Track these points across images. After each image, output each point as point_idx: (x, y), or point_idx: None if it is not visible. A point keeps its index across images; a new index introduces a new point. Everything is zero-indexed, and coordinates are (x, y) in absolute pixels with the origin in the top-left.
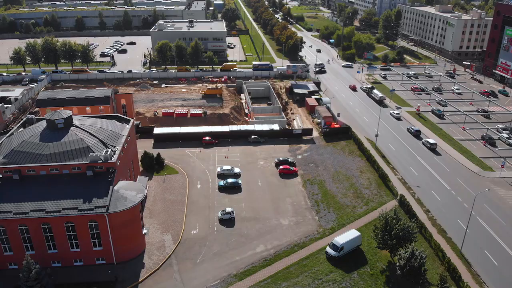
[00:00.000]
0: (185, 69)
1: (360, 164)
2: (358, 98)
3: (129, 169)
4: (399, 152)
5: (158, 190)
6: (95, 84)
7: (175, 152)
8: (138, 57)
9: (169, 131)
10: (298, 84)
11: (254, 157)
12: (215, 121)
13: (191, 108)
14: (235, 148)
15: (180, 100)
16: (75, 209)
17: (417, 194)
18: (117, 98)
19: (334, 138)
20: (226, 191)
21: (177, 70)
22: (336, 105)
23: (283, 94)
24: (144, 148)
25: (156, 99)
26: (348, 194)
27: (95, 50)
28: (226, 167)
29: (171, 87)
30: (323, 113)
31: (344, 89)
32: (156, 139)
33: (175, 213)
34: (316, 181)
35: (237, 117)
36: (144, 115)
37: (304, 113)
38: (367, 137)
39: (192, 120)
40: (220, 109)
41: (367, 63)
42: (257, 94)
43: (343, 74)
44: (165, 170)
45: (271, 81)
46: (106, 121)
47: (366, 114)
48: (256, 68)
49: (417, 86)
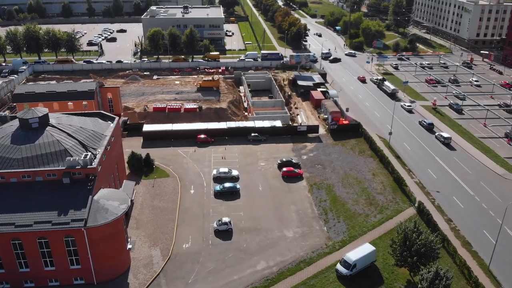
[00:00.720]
0: (182, 59)
1: (372, 165)
2: (368, 91)
3: (112, 174)
4: (415, 152)
5: (146, 196)
6: (81, 75)
7: (166, 152)
8: (129, 46)
9: (160, 128)
10: (302, 75)
11: (254, 158)
12: (211, 116)
13: (184, 102)
14: (233, 147)
15: (173, 94)
16: (48, 223)
17: (437, 201)
18: (103, 92)
19: (342, 136)
20: (222, 197)
21: (173, 60)
22: (344, 99)
23: (286, 87)
24: (132, 147)
25: (146, 92)
26: (359, 200)
27: (82, 38)
28: (223, 169)
29: (164, 79)
30: (330, 108)
31: (352, 80)
32: (146, 137)
33: (164, 224)
34: (323, 185)
35: (235, 112)
36: (133, 110)
37: (309, 108)
38: (379, 135)
39: (185, 115)
40: (216, 103)
41: (376, 52)
42: (258, 86)
43: (351, 65)
44: (154, 172)
45: (273, 72)
46: (88, 120)
47: (377, 108)
48: (265, 58)
49: (432, 77)
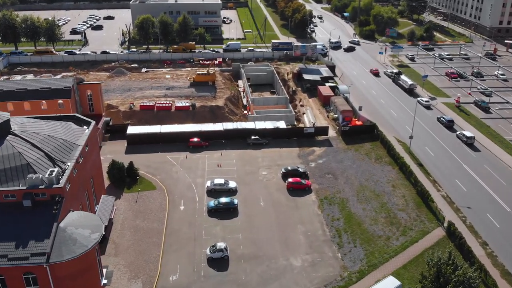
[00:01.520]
0: (182, 49)
1: (391, 175)
2: (383, 86)
3: (87, 190)
4: (439, 158)
5: (128, 214)
6: (61, 68)
7: (153, 159)
8: (116, 34)
9: (147, 130)
10: (308, 68)
11: (254, 165)
12: (206, 116)
13: (176, 99)
14: (230, 153)
15: (163, 89)
16: (4, 258)
17: (469, 218)
18: (81, 89)
19: (356, 139)
20: (217, 215)
21: (173, 51)
22: (355, 95)
23: (290, 81)
24: (115, 153)
25: (133, 87)
26: (378, 219)
27: (65, 26)
28: (219, 180)
29: (153, 72)
30: (340, 106)
31: (364, 74)
32: (130, 141)
33: (148, 249)
34: (336, 199)
35: (233, 111)
36: (118, 108)
37: (316, 106)
38: (397, 138)
39: (177, 115)
40: (212, 100)
41: (389, 42)
42: (258, 80)
43: (362, 56)
44: (139, 184)
45: (275, 64)
46: (59, 125)
47: (393, 106)
48: (276, 48)
49: (453, 70)
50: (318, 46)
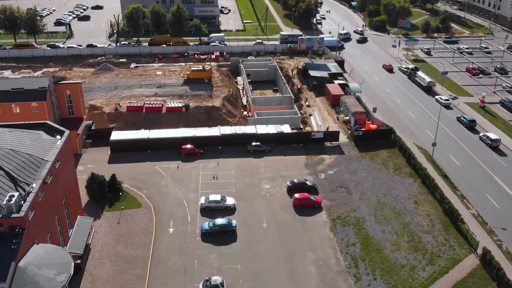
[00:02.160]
0: (182, 42)
1: (413, 189)
2: (397, 83)
3: (58, 214)
4: (466, 168)
5: (108, 238)
6: (43, 63)
7: (140, 169)
8: (104, 25)
9: (133, 136)
10: (315, 63)
11: (256, 177)
12: (200, 118)
13: (167, 99)
14: (228, 162)
15: (154, 87)
16: None
17: (505, 243)
18: (59, 90)
19: (370, 146)
20: (213, 239)
21: (173, 44)
22: (368, 94)
23: (295, 78)
24: (97, 161)
25: (121, 85)
26: (401, 243)
27: (50, 16)
28: (214, 196)
29: (143, 67)
30: (352, 107)
31: (376, 69)
32: (114, 148)
33: (131, 283)
34: (350, 219)
35: (231, 112)
36: (102, 110)
37: (324, 106)
38: (417, 144)
39: (168, 117)
40: (208, 100)
41: (402, 33)
42: (259, 76)
43: (373, 49)
44: (122, 201)
45: (277, 58)
46: (25, 136)
47: (411, 107)
48: (285, 40)
49: (474, 66)
50: (327, 38)
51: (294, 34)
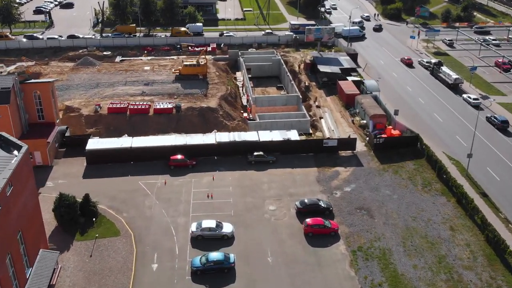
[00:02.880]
0: (184, 32)
1: (447, 210)
2: (419, 80)
3: (10, 253)
4: (507, 184)
5: (78, 277)
6: (17, 56)
7: (120, 186)
8: (89, 14)
9: (113, 144)
10: (325, 57)
11: (258, 195)
12: (193, 121)
13: (156, 99)
14: (225, 176)
15: (141, 85)
16: None
17: None
18: (27, 90)
19: (393, 156)
20: (206, 279)
21: (172, 34)
22: (386, 93)
23: (302, 73)
24: (70, 176)
25: (103, 82)
26: (437, 283)
27: (29, 4)
28: (208, 223)
29: (130, 62)
30: (370, 109)
31: (394, 64)
32: (91, 159)
33: None
34: (374, 251)
35: (229, 114)
36: (79, 112)
37: (336, 107)
38: (447, 153)
39: (156, 120)
40: (203, 100)
41: (420, 23)
42: (261, 71)
43: (388, 40)
44: (97, 227)
45: (282, 51)
46: None
47: (436, 108)
48: (296, 31)
49: (505, 59)
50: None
51: (306, 23)
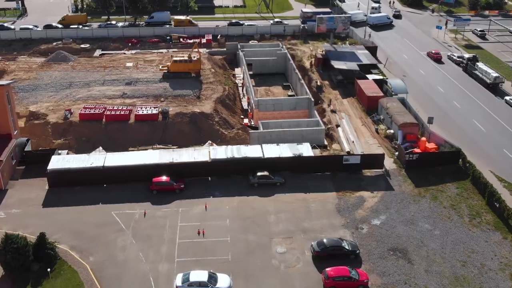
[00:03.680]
0: (188, 22)
1: (504, 251)
2: (451, 79)
3: None
4: None
5: None
6: None
7: (89, 217)
8: (67, 0)
9: (82, 162)
10: (339, 51)
11: (263, 231)
12: (184, 130)
13: (139, 102)
14: (221, 204)
15: (122, 84)
16: None
17: None
18: None
19: (430, 176)
20: None
21: (175, 24)
22: (414, 94)
23: (312, 70)
24: (27, 203)
25: (77, 81)
26: None
27: None
28: (198, 275)
29: (111, 56)
30: (398, 116)
31: (419, 58)
32: (54, 182)
33: None
34: None
35: (227, 121)
36: (45, 119)
37: (355, 111)
38: (496, 174)
39: (138, 130)
40: (195, 104)
41: (445, 10)
42: (264, 68)
43: (409, 31)
44: (55, 277)
45: (288, 43)
46: None
47: (476, 114)
48: (308, 19)
49: None
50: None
51: (319, 11)
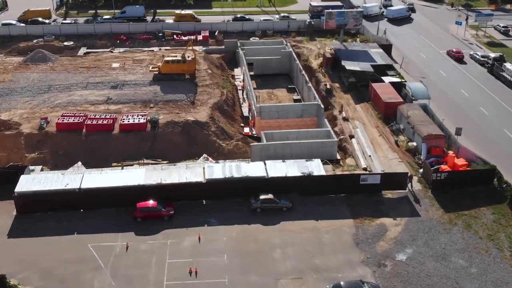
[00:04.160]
0: (190, 17)
1: None
2: (475, 81)
3: None
4: None
5: None
6: None
7: (61, 252)
8: None
9: (54, 184)
10: (350, 49)
11: (267, 271)
12: (175, 142)
13: (125, 109)
14: (218, 234)
15: (107, 88)
16: None
17: None
18: None
19: (460, 198)
20: None
21: (176, 19)
22: (435, 99)
23: (320, 71)
24: None
25: (57, 84)
26: None
27: None
28: None
29: (97, 55)
30: (422, 126)
31: (438, 58)
32: (23, 207)
33: None
34: None
35: (225, 131)
36: (18, 129)
37: (370, 119)
38: None
39: (123, 141)
40: (189, 111)
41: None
42: (266, 68)
43: (425, 26)
44: None
45: (293, 40)
46: None
47: (508, 123)
48: (318, 14)
49: None
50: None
51: (329, 5)
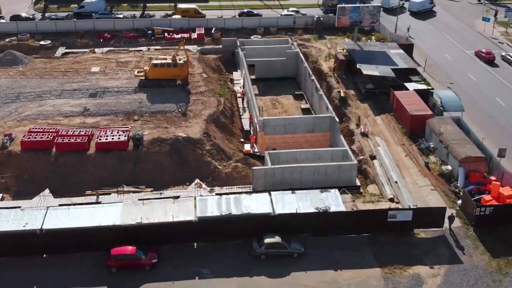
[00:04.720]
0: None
1: None
2: (510, 86)
3: None
4: None
5: None
6: None
7: None
8: None
9: (11, 223)
10: (366, 50)
11: None
12: (163, 163)
13: (104, 122)
14: None
15: (85, 96)
16: None
17: None
18: None
19: (509, 237)
20: None
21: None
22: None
23: (332, 76)
24: None
25: (27, 91)
26: None
27: None
28: None
29: (76, 57)
30: (458, 146)
31: (465, 59)
32: None
33: None
34: None
35: (222, 149)
36: None
37: (394, 134)
38: None
39: (99, 163)
40: (179, 125)
41: None
42: (270, 71)
43: (448, 22)
44: None
45: (299, 38)
46: None
47: None
48: (332, 9)
49: None
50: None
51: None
